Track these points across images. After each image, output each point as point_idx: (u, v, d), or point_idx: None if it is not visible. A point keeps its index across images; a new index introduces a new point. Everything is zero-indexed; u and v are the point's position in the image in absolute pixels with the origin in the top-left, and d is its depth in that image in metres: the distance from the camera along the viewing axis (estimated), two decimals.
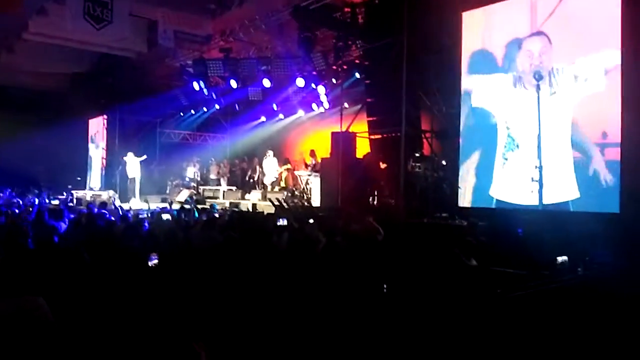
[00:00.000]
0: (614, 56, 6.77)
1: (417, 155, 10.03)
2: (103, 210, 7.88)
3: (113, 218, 7.01)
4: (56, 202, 12.54)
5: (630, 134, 6.59)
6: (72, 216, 7.06)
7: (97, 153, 18.90)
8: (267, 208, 11.29)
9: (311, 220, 6.74)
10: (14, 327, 2.65)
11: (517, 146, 7.85)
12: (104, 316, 2.89)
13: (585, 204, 6.99)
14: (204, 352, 2.36)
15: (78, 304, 2.99)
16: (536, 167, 7.34)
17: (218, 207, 10.49)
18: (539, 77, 7.43)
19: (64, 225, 5.93)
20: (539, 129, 7.41)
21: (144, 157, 15.91)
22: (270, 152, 15.61)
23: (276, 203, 9.64)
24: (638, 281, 4.91)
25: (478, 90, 8.53)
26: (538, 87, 7.42)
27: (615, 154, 6.76)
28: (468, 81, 8.72)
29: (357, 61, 12.90)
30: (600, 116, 6.98)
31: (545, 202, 7.32)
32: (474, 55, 8.68)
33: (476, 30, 8.70)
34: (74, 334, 2.64)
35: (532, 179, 7.40)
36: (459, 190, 8.67)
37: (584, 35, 7.18)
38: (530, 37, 7.77)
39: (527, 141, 7.66)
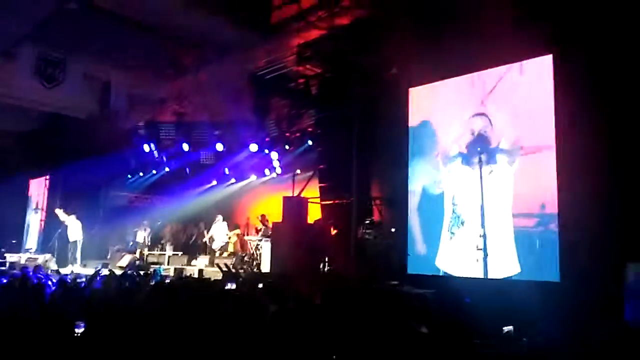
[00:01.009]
0: (548, 132, 7.28)
1: (367, 222, 10.17)
2: (38, 274, 7.41)
3: (49, 282, 6.59)
4: None
5: (566, 205, 6.97)
6: (4, 280, 6.59)
7: (35, 216, 18.01)
8: (214, 274, 10.95)
9: (260, 285, 6.58)
10: None
11: (462, 223, 8.13)
12: None
13: (527, 276, 7.21)
14: None
15: None
16: (480, 235, 7.59)
17: (163, 272, 10.10)
18: (480, 151, 7.86)
19: None
20: (482, 204, 7.76)
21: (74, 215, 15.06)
22: (220, 217, 15.40)
23: (224, 269, 9.39)
24: (577, 352, 5.02)
25: (425, 162, 8.89)
26: (480, 164, 7.84)
27: (553, 224, 7.10)
28: (415, 152, 9.09)
29: (309, 129, 13.24)
30: (538, 189, 7.36)
31: (490, 276, 7.55)
32: (420, 128, 9.11)
33: (422, 105, 9.19)
34: None
35: (477, 247, 7.63)
36: (408, 258, 8.78)
37: (520, 113, 7.71)
38: (472, 118, 8.27)
39: (472, 217, 7.97)
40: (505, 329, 5.57)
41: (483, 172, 7.79)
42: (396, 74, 9.84)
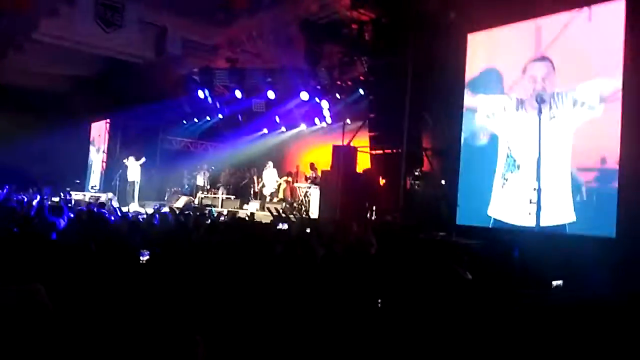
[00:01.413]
0: (614, 83, 6.89)
1: (416, 172, 10.11)
2: (102, 210, 7.90)
3: (112, 217, 7.04)
4: (56, 199, 12.57)
5: (628, 160, 6.68)
6: (71, 215, 7.07)
7: (97, 157, 18.96)
8: (264, 218, 11.30)
9: (308, 230, 6.76)
10: (12, 314, 2.66)
11: (517, 167, 7.93)
12: (105, 307, 2.90)
13: (581, 228, 7.04)
14: (202, 344, 2.39)
15: (79, 294, 3.01)
16: (534, 189, 7.41)
17: (215, 214, 10.51)
18: (540, 100, 7.54)
19: (62, 222, 5.94)
20: (539, 151, 7.50)
21: (143, 159, 16.00)
22: (270, 163, 15.70)
23: (274, 213, 9.65)
24: (633, 308, 4.93)
25: (480, 110, 8.64)
26: (540, 111, 7.53)
27: (613, 179, 6.83)
28: (471, 101, 8.83)
29: (361, 78, 13.04)
30: (599, 142, 7.07)
31: (542, 224, 7.38)
32: (478, 76, 8.81)
33: (481, 52, 8.85)
34: (72, 322, 2.66)
35: (530, 200, 7.46)
36: (457, 209, 8.72)
37: (586, 61, 7.31)
38: (534, 62, 7.90)
39: (527, 163, 7.75)
40: (555, 283, 5.52)
41: (542, 120, 7.50)
42: (454, 19, 9.45)
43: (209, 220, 7.26)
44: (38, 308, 2.76)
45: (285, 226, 5.80)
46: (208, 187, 16.99)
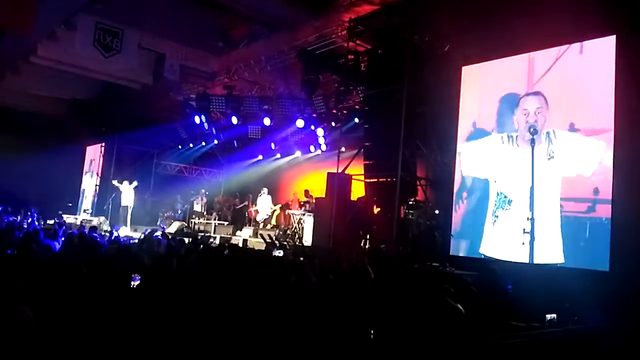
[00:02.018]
0: (606, 115, 6.99)
1: (410, 202, 10.10)
2: (94, 234, 7.82)
3: (104, 241, 6.96)
4: (51, 221, 12.45)
5: (621, 192, 6.71)
6: (62, 238, 7.00)
7: (90, 180, 18.90)
8: (258, 245, 11.22)
9: (301, 258, 6.71)
10: None
11: (509, 203, 7.96)
12: (91, 330, 2.84)
13: (574, 261, 7.02)
14: None
15: (69, 317, 2.95)
16: (528, 218, 7.40)
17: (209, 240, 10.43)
18: (533, 131, 7.62)
19: (57, 245, 5.88)
20: (532, 184, 7.53)
21: (135, 183, 15.93)
22: (265, 190, 15.69)
23: (268, 240, 9.60)
24: (626, 340, 4.89)
25: (473, 147, 8.74)
26: (533, 142, 7.59)
27: (606, 211, 6.85)
28: (463, 135, 8.93)
29: (357, 106, 13.18)
30: (592, 173, 7.12)
31: (535, 260, 7.36)
32: (472, 109, 8.92)
33: (475, 85, 8.98)
34: (58, 344, 2.60)
35: (524, 230, 7.44)
36: (451, 239, 8.71)
37: (578, 95, 7.42)
38: (527, 97, 8.02)
39: (520, 198, 7.78)
40: (549, 316, 5.46)
41: (535, 154, 7.56)
42: (448, 52, 9.63)
43: (201, 246, 7.19)
44: (23, 329, 2.71)
45: (280, 253, 5.74)
46: (204, 212, 16.90)
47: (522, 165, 7.75)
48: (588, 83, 7.32)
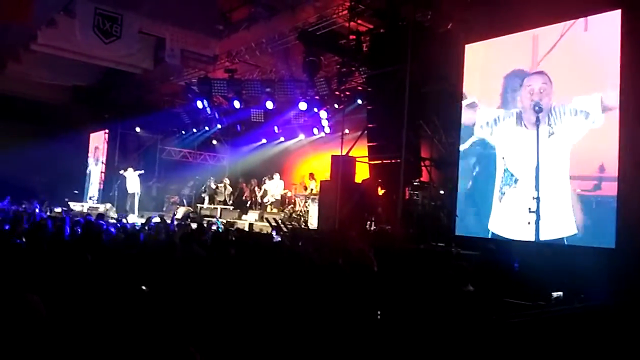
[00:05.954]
0: (612, 92, 6.90)
1: (415, 182, 10.08)
2: (100, 221, 7.87)
3: (112, 229, 7.00)
4: (58, 209, 12.51)
5: (627, 169, 6.66)
6: (67, 229, 7.03)
7: (96, 168, 18.94)
8: (263, 228, 11.27)
9: (300, 243, 6.70)
10: (5, 322, 2.63)
11: (515, 182, 7.92)
12: (100, 317, 2.87)
13: (581, 239, 7.01)
14: (197, 356, 2.36)
15: (75, 303, 2.98)
16: (534, 198, 7.38)
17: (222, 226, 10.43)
18: (538, 109, 7.55)
19: (64, 233, 5.91)
20: (538, 163, 7.49)
21: (142, 171, 16.00)
22: (277, 175, 15.56)
23: (273, 224, 9.63)
24: (632, 317, 4.90)
25: (478, 123, 8.65)
26: (538, 121, 7.53)
27: (612, 188, 6.81)
28: (468, 113, 8.85)
29: (359, 88, 13.08)
30: (598, 151, 7.06)
31: (541, 237, 7.36)
32: (475, 87, 8.83)
33: (478, 63, 8.87)
34: (66, 331, 2.63)
35: (530, 209, 7.43)
36: (456, 219, 8.70)
37: (583, 72, 7.33)
38: (531, 75, 7.92)
39: (525, 177, 7.74)
40: (555, 294, 5.48)
41: (540, 132, 7.50)
42: (451, 30, 9.50)
43: (210, 233, 7.21)
44: (31, 316, 2.73)
45: (279, 238, 5.75)
46: (228, 200, 16.61)
47: (528, 144, 7.70)
48: (593, 60, 7.21)
